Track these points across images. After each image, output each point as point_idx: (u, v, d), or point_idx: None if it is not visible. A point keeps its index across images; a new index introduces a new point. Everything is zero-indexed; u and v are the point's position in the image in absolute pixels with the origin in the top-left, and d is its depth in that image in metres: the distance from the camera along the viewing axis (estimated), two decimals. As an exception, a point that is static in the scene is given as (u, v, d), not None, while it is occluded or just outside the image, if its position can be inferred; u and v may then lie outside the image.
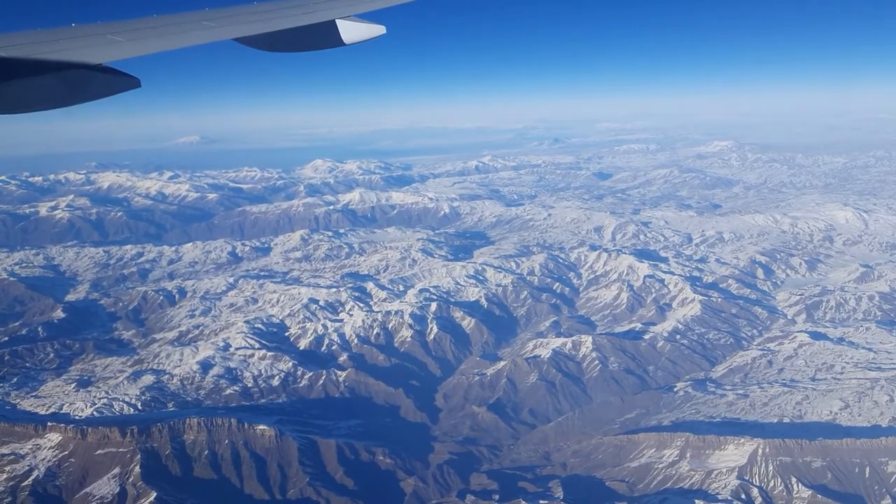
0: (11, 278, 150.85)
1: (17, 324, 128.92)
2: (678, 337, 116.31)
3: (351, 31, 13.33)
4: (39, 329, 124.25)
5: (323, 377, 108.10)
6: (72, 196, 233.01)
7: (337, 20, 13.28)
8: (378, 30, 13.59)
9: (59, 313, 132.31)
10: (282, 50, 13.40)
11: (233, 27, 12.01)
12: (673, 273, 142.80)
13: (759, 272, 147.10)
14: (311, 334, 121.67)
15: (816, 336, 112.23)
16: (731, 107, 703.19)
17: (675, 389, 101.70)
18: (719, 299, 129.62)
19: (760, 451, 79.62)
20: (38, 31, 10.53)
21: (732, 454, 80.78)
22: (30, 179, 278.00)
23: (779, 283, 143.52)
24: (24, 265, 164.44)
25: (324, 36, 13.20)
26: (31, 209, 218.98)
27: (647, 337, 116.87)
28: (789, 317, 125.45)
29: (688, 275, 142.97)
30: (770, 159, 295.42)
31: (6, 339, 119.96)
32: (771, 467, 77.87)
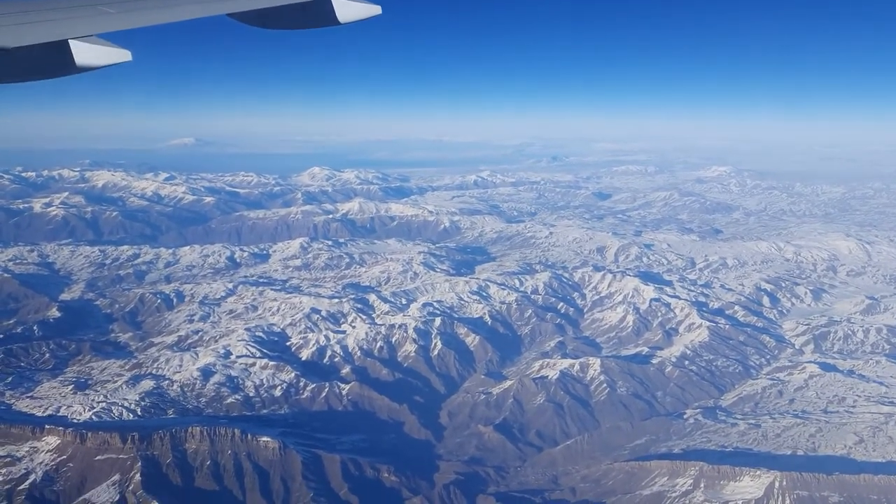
0: (5, 275, 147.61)
1: (11, 321, 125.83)
2: (686, 363, 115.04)
3: (346, 9, 12.68)
4: (35, 328, 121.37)
5: (326, 389, 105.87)
6: (66, 193, 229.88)
7: None
8: (374, 10, 12.99)
9: (54, 312, 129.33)
10: (276, 27, 12.77)
11: (227, 2, 11.55)
12: (679, 297, 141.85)
13: (765, 300, 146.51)
14: (314, 345, 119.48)
15: (826, 367, 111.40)
16: (725, 132, 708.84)
17: (685, 416, 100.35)
18: (726, 326, 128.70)
19: (777, 483, 78.21)
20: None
21: (748, 486, 79.31)
22: (23, 174, 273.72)
23: (784, 311, 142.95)
24: (17, 261, 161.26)
25: (319, 14, 12.59)
26: (25, 204, 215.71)
27: (655, 361, 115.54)
28: (797, 346, 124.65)
29: (693, 300, 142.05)
30: (769, 186, 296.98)
31: (0, 336, 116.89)
32: (788, 501, 76.48)
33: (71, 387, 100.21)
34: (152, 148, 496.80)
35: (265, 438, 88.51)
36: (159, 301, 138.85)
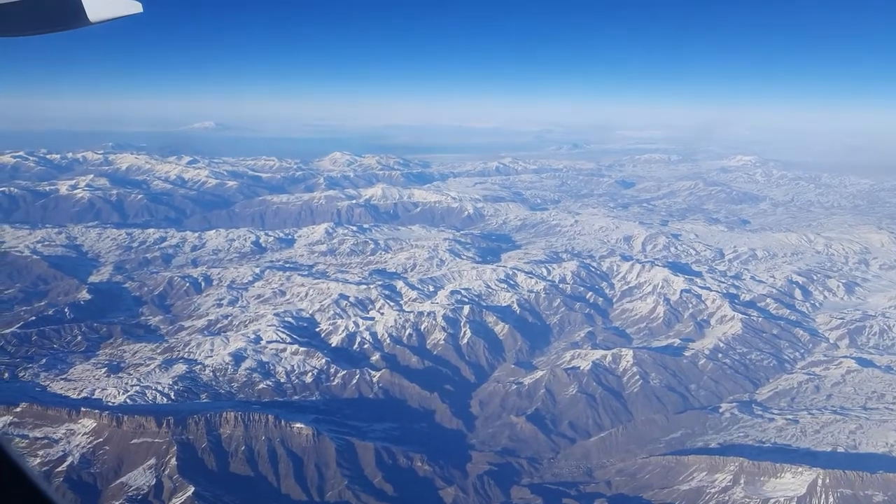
0: (35, 256, 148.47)
1: (42, 303, 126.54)
2: (720, 356, 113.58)
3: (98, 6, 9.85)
4: (66, 310, 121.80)
5: (356, 377, 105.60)
6: (91, 176, 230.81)
7: None
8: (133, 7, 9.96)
9: (84, 294, 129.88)
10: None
11: None
12: (709, 289, 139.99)
13: (797, 293, 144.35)
14: (343, 331, 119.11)
15: (863, 363, 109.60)
16: (747, 121, 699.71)
17: (721, 410, 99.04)
18: (759, 319, 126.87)
19: (820, 481, 76.93)
20: None
21: (790, 483, 78.08)
22: (47, 156, 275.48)
23: (817, 304, 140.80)
24: (46, 243, 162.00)
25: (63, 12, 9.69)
26: (51, 187, 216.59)
27: (687, 354, 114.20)
28: (831, 341, 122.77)
29: (724, 291, 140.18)
30: (796, 177, 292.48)
31: (32, 318, 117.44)
32: (831, 499, 75.23)
33: (104, 369, 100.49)
34: (173, 131, 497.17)
35: (298, 425, 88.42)
36: (188, 285, 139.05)
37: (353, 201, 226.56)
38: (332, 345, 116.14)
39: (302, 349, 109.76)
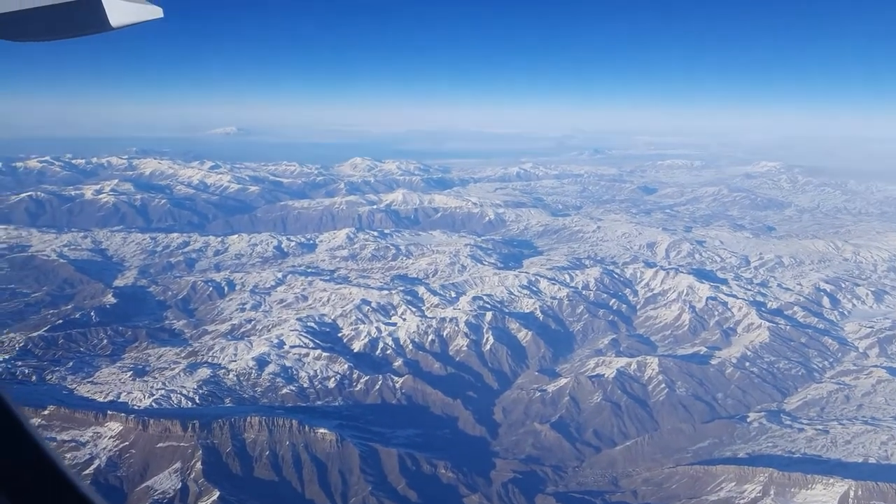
0: (61, 260, 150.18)
1: (68, 306, 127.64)
2: (747, 364, 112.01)
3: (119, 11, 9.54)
4: (92, 314, 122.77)
5: (379, 382, 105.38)
6: (115, 180, 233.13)
7: None
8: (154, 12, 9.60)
9: (109, 298, 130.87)
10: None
11: None
12: (735, 296, 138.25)
13: (825, 301, 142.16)
14: (365, 337, 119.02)
15: (894, 372, 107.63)
16: (768, 126, 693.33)
17: (749, 420, 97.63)
18: (787, 327, 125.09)
19: (852, 493, 75.43)
20: None
21: (821, 495, 76.58)
22: (73, 161, 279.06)
23: (846, 313, 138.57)
24: (72, 247, 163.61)
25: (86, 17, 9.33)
26: (76, 191, 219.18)
27: (714, 362, 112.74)
28: (861, 350, 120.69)
29: (751, 299, 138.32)
30: (821, 183, 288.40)
31: (59, 321, 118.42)
32: (864, 512, 73.64)
33: (130, 373, 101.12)
34: (194, 136, 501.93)
35: (322, 430, 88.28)
36: (211, 289, 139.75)
37: (374, 206, 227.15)
38: (355, 350, 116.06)
39: (325, 354, 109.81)
